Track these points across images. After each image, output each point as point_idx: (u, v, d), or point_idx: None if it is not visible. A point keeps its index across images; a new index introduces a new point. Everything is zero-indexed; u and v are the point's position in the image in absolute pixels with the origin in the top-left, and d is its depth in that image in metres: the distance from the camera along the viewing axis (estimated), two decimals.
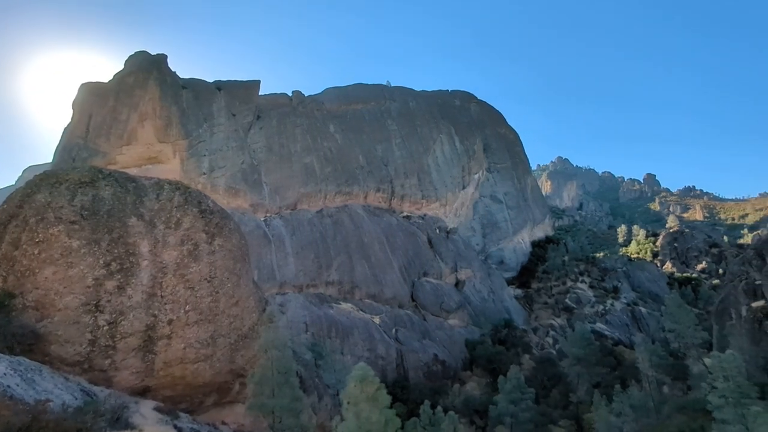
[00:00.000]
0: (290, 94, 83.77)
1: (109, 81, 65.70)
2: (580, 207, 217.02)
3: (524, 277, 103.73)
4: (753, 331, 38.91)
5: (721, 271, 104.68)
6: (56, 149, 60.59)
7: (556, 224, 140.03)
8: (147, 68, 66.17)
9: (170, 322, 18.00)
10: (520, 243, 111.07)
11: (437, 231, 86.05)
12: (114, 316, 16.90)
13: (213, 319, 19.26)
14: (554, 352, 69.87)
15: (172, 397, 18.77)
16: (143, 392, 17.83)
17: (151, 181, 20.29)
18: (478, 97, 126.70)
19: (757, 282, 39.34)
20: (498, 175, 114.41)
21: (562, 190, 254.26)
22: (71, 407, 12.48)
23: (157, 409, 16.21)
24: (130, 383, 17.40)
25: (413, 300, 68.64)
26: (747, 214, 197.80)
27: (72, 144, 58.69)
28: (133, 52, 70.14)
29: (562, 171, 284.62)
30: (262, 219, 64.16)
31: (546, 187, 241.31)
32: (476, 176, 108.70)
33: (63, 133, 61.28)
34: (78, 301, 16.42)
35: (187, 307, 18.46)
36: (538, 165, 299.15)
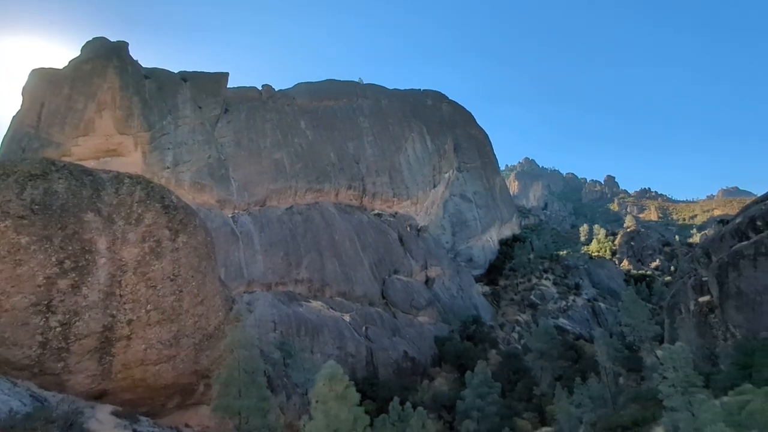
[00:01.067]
0: (260, 88, 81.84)
1: (64, 67, 61.79)
2: (545, 207, 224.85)
3: (492, 274, 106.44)
4: (700, 324, 41.70)
5: (672, 268, 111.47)
6: (3, 139, 56.43)
7: (523, 223, 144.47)
8: (106, 55, 62.70)
9: (130, 322, 17.22)
10: (488, 241, 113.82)
11: (408, 229, 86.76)
12: (68, 316, 15.97)
13: (176, 318, 18.58)
14: (519, 347, 72.21)
15: (132, 400, 17.98)
16: (100, 396, 16.98)
17: (110, 174, 19.28)
18: (450, 97, 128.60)
19: (704, 278, 42.17)
20: (468, 175, 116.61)
21: (528, 190, 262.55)
22: (19, 414, 11.72)
23: (115, 414, 15.49)
24: (85, 387, 16.51)
25: (384, 297, 68.94)
26: (696, 215, 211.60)
27: (22, 133, 54.83)
28: (90, 38, 66.32)
29: (529, 172, 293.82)
30: (230, 215, 62.44)
31: (513, 187, 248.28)
32: (447, 175, 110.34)
33: (11, 121, 57.06)
34: (27, 302, 15.40)
35: (149, 307, 17.71)
36: (507, 165, 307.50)
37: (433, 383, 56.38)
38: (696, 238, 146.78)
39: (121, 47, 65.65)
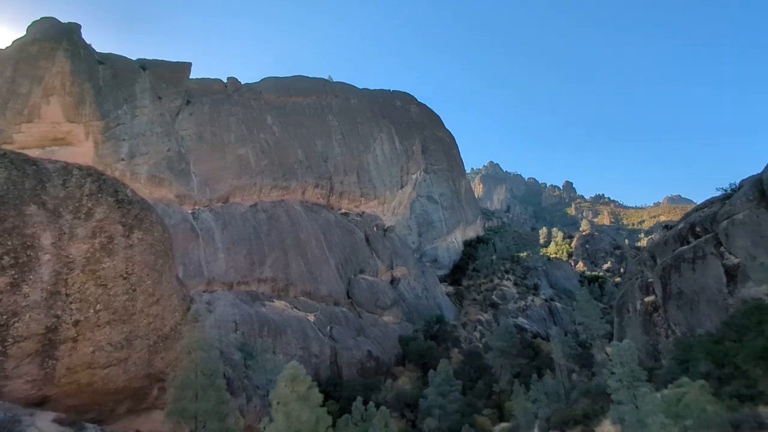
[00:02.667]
0: (225, 81, 79.24)
1: (6, 48, 57.09)
2: (508, 210, 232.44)
3: (456, 274, 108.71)
4: (645, 322, 44.53)
5: (622, 270, 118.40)
6: None
7: (486, 225, 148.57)
8: (55, 37, 58.47)
9: (77, 323, 16.15)
10: (453, 242, 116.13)
11: (375, 229, 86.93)
12: (5, 317, 14.76)
13: (129, 319, 17.61)
14: (481, 345, 74.19)
15: (77, 406, 16.88)
16: (41, 403, 15.80)
17: (57, 165, 17.98)
18: (418, 99, 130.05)
19: (650, 280, 45.08)
20: (435, 177, 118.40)
21: (492, 194, 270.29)
22: None
23: (58, 421, 14.47)
24: (24, 393, 15.32)
25: (349, 297, 68.68)
26: (644, 220, 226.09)
27: None
28: (38, 18, 61.61)
29: (493, 175, 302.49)
30: (190, 212, 60.00)
31: (478, 189, 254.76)
32: (414, 176, 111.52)
33: None
34: None
35: (98, 307, 16.68)
36: (472, 168, 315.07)
37: (396, 382, 56.79)
38: (644, 242, 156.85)
39: (72, 29, 61.43)
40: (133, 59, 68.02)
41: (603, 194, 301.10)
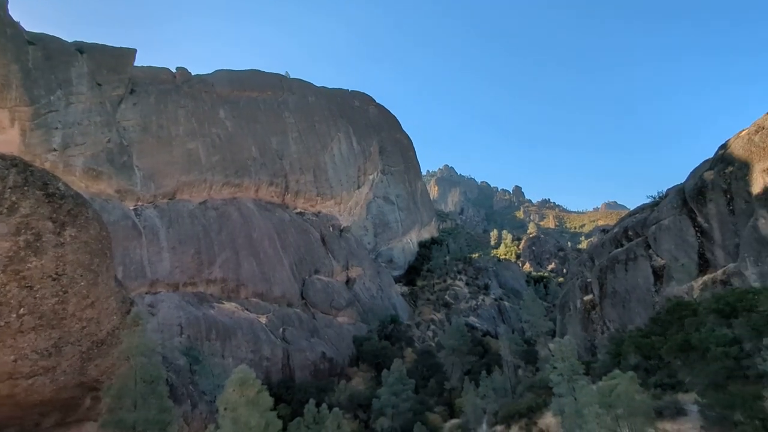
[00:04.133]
0: (174, 71, 74.99)
1: None
2: (462, 212, 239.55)
3: (411, 275, 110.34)
4: (584, 319, 47.74)
5: (565, 270, 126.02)
6: None
7: (441, 226, 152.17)
8: None
9: None
10: (408, 243, 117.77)
11: (331, 229, 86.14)
12: None
13: (58, 324, 16.15)
14: (434, 344, 75.82)
15: None
16: None
17: None
18: (377, 101, 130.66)
19: (588, 280, 48.40)
20: (391, 178, 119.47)
21: (447, 196, 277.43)
22: None
23: None
24: None
25: (303, 298, 67.49)
26: (585, 224, 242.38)
27: None
28: None
29: (448, 178, 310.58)
30: (132, 208, 56.12)
31: (433, 192, 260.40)
32: (371, 177, 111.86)
33: None
34: None
35: (22, 311, 15.15)
36: (428, 171, 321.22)
37: (350, 383, 56.60)
38: (584, 245, 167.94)
39: None
40: (70, 41, 62.50)
41: (549, 199, 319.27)
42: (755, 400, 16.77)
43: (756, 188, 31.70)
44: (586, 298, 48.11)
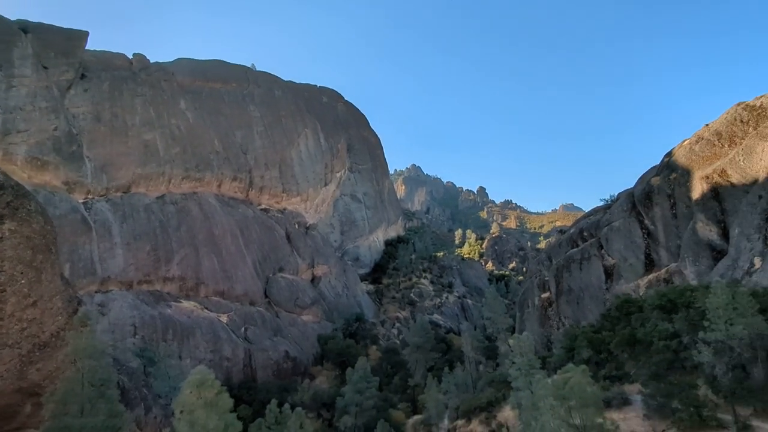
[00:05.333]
0: (130, 57, 70.97)
1: None
2: (428, 211, 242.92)
3: (377, 273, 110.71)
4: (541, 316, 49.81)
5: (525, 269, 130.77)
6: None
7: (407, 225, 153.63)
8: None
9: None
10: (375, 241, 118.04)
11: (296, 226, 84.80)
12: None
13: None
14: (398, 342, 76.55)
15: None
16: None
17: None
18: (345, 98, 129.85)
19: (546, 278, 50.54)
20: (359, 176, 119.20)
21: (413, 195, 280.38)
22: None
23: None
24: None
25: (267, 296, 66.09)
26: (544, 225, 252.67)
27: None
28: None
29: (415, 177, 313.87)
30: (82, 201, 52.66)
31: (401, 191, 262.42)
32: (339, 175, 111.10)
33: None
34: None
35: None
36: (395, 170, 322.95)
37: (314, 382, 56.08)
38: (543, 244, 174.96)
39: None
40: (12, 20, 57.62)
41: (511, 200, 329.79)
42: (690, 389, 18.20)
43: (695, 194, 34.32)
44: (544, 295, 50.25)
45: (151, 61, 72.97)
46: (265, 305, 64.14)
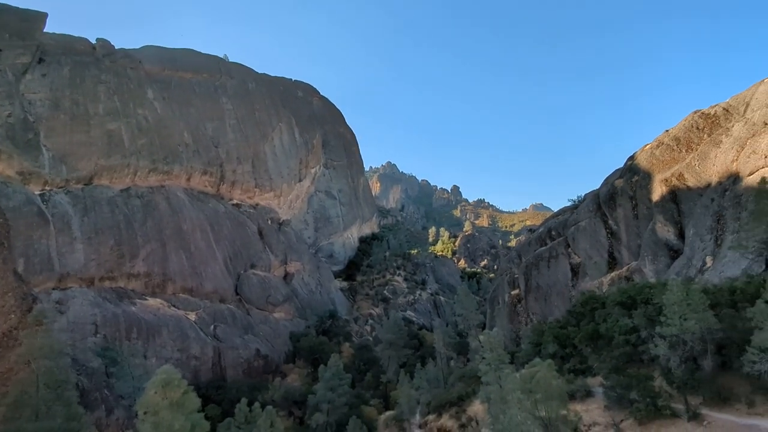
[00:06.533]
0: (93, 42, 67.42)
1: None
2: (402, 209, 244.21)
3: (350, 270, 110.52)
4: (510, 312, 51.16)
5: (496, 267, 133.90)
6: None
7: (382, 223, 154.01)
8: None
9: None
10: (349, 238, 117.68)
11: (269, 222, 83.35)
12: None
13: None
14: (371, 339, 76.77)
15: None
16: None
17: None
18: (321, 93, 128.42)
19: (516, 276, 51.93)
20: (334, 172, 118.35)
21: (388, 192, 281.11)
22: None
23: None
24: None
25: (238, 294, 64.69)
26: (514, 224, 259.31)
27: None
28: None
29: (390, 175, 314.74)
30: (38, 193, 49.71)
31: (376, 188, 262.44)
32: (313, 170, 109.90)
33: None
34: None
35: None
36: (371, 167, 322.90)
37: (285, 380, 55.46)
38: (513, 243, 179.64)
39: None
40: None
41: (484, 199, 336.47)
42: (647, 381, 19.20)
43: (655, 196, 36.13)
44: (514, 292, 51.63)
45: (116, 47, 69.60)
46: (236, 302, 62.80)
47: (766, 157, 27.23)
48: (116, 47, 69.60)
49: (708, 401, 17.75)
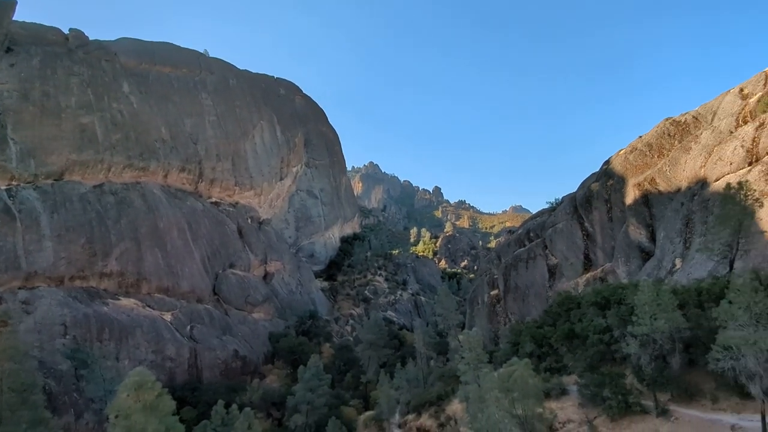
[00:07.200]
0: (66, 32, 64.89)
1: None
2: (384, 209, 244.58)
3: (332, 270, 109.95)
4: (490, 312, 51.91)
5: (476, 267, 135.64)
6: None
7: (364, 223, 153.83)
8: None
9: None
10: (330, 238, 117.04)
11: (249, 221, 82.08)
12: None
13: None
14: (352, 339, 76.55)
15: None
16: None
17: None
18: (304, 91, 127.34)
19: (495, 276, 52.72)
20: (316, 172, 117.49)
21: (370, 192, 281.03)
22: None
23: None
24: None
25: (216, 293, 63.45)
26: (494, 225, 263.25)
27: None
28: None
29: (373, 175, 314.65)
30: (4, 188, 47.49)
31: (358, 188, 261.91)
32: (295, 169, 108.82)
33: None
34: None
35: None
36: (353, 166, 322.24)
37: (264, 381, 54.73)
38: (493, 244, 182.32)
39: None
40: None
41: (465, 200, 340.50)
42: (619, 379, 19.83)
43: (629, 199, 37.33)
44: (493, 292, 52.41)
45: (90, 39, 67.19)
46: (214, 302, 61.58)
47: (731, 163, 28.52)
48: (90, 38, 67.19)
49: (676, 397, 18.46)
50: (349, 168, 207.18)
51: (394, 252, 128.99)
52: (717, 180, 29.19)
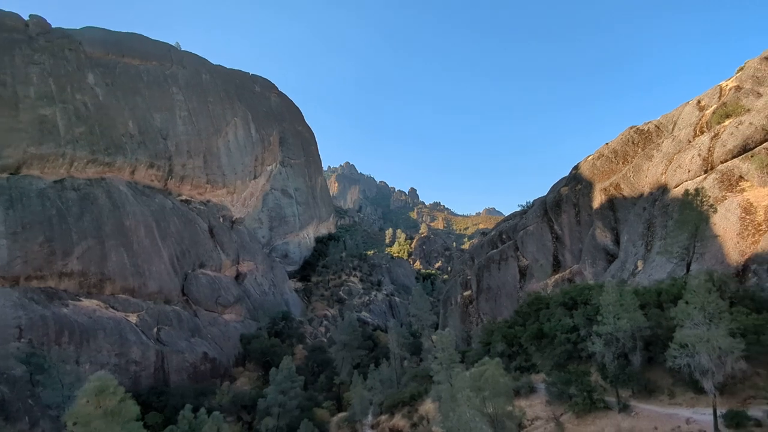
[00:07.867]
0: (26, 18, 61.42)
1: None
2: (360, 209, 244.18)
3: (306, 270, 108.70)
4: (462, 313, 52.72)
5: (450, 268, 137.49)
6: None
7: (339, 223, 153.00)
8: None
9: None
10: (305, 238, 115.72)
11: (221, 220, 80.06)
12: None
13: None
14: (325, 340, 75.92)
15: None
16: None
17: None
18: (280, 89, 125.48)
19: (468, 277, 53.60)
20: (291, 171, 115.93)
21: (346, 193, 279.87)
22: None
23: None
24: None
25: (185, 294, 61.51)
26: (468, 227, 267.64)
27: None
28: None
29: (349, 175, 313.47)
30: None
31: (333, 188, 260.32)
32: (269, 168, 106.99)
33: None
34: None
35: None
36: (329, 166, 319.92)
37: (235, 384, 53.50)
38: (467, 245, 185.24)
39: None
40: None
41: (440, 202, 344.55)
42: (585, 376, 20.57)
43: (595, 204, 38.82)
44: (466, 293, 53.27)
45: (53, 26, 63.85)
46: (183, 303, 59.68)
47: (689, 171, 30.15)
48: (53, 26, 63.86)
49: (636, 393, 19.33)
50: (325, 168, 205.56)
51: (369, 253, 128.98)
52: (676, 186, 30.77)
